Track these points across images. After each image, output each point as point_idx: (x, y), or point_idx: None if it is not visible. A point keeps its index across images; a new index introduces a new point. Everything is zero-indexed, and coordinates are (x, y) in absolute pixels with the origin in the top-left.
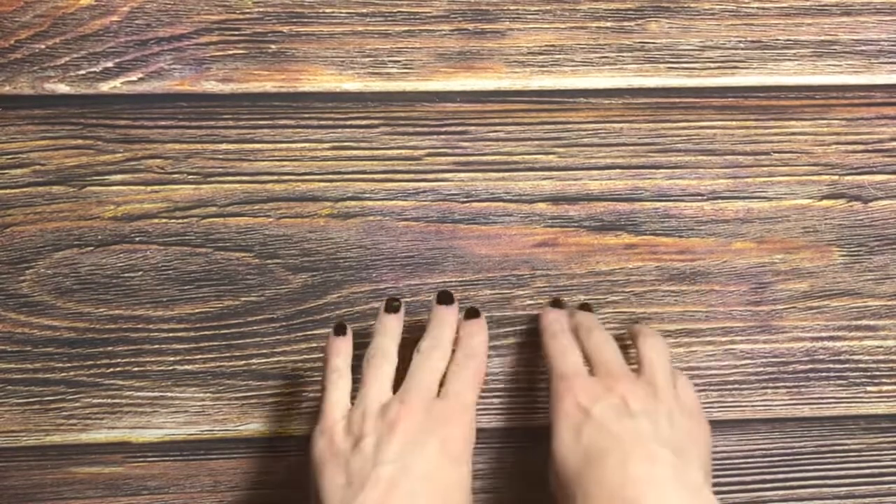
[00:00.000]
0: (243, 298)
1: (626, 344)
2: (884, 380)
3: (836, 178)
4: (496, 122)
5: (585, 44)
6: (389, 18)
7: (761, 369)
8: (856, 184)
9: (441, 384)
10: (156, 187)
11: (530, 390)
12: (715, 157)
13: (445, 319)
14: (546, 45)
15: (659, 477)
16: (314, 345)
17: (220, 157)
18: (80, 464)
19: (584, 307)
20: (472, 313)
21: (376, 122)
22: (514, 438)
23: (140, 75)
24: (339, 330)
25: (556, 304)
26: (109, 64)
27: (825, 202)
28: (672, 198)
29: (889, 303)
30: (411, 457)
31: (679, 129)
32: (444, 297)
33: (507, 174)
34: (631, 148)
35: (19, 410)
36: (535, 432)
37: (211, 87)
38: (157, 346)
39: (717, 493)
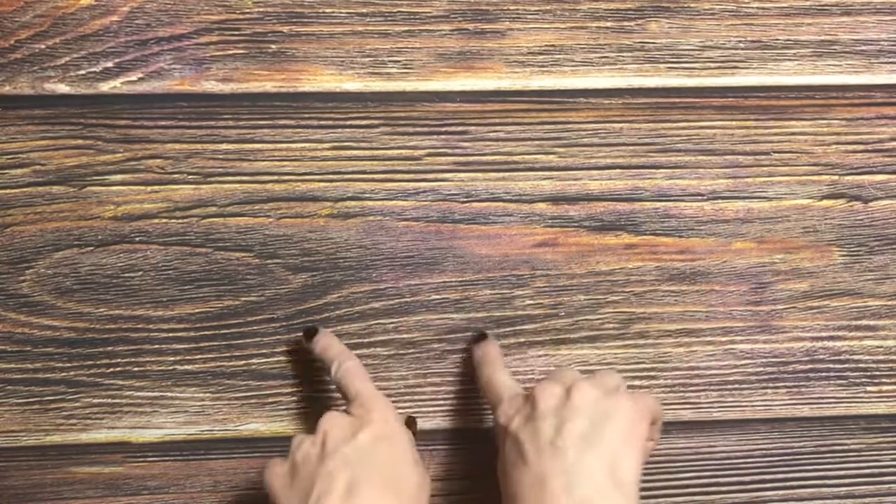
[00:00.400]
0: (243, 298)
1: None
2: (884, 380)
3: (836, 178)
4: (496, 122)
5: (585, 44)
6: (389, 18)
7: (761, 369)
8: (856, 184)
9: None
10: (156, 187)
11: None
12: (715, 157)
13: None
14: (546, 45)
15: (541, 479)
16: None
17: (220, 157)
18: (80, 464)
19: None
20: (311, 333)
21: (376, 122)
22: None
23: (140, 75)
24: None
25: (483, 336)
26: (109, 64)
27: (825, 202)
28: (672, 198)
29: (889, 303)
30: (355, 454)
31: (679, 129)
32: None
33: (507, 174)
34: (631, 148)
35: (19, 410)
36: None
37: (211, 87)
38: (157, 346)
39: (717, 493)
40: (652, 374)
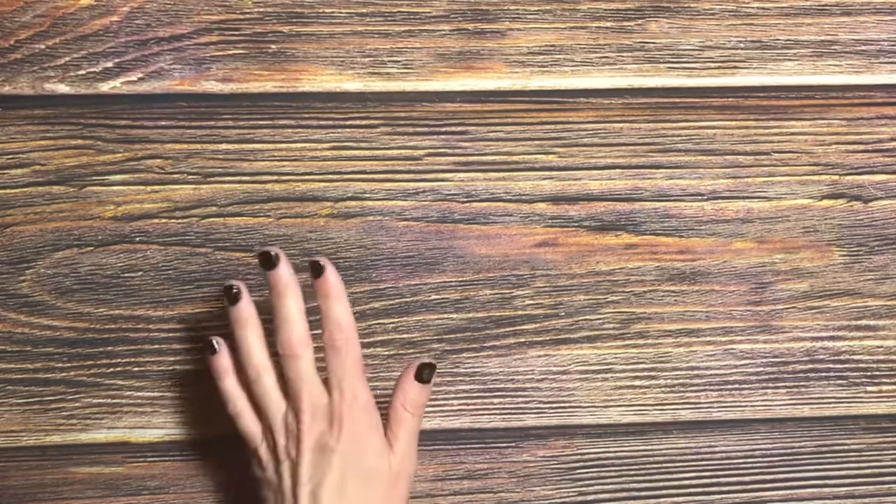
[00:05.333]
0: None
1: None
2: (884, 380)
3: (836, 178)
4: (496, 122)
5: (585, 44)
6: (389, 18)
7: (761, 369)
8: (856, 184)
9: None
10: (156, 187)
11: (529, 390)
12: (715, 157)
13: (284, 287)
14: (546, 45)
15: None
16: (314, 345)
17: (220, 157)
18: (80, 464)
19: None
20: (317, 269)
21: (376, 122)
22: (512, 438)
23: (140, 75)
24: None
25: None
26: (109, 64)
27: (825, 202)
28: (672, 198)
29: (889, 303)
30: (322, 473)
31: (679, 129)
32: (266, 261)
33: (507, 174)
34: (631, 148)
35: (19, 410)
36: (535, 432)
37: (211, 87)
38: (157, 346)
39: (717, 492)
40: (652, 374)
